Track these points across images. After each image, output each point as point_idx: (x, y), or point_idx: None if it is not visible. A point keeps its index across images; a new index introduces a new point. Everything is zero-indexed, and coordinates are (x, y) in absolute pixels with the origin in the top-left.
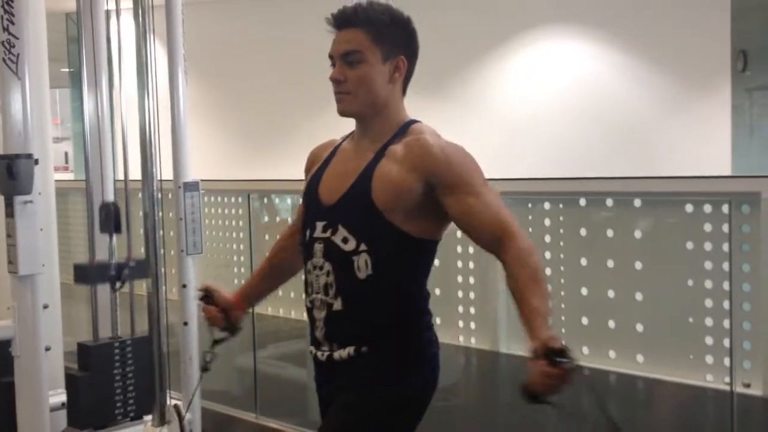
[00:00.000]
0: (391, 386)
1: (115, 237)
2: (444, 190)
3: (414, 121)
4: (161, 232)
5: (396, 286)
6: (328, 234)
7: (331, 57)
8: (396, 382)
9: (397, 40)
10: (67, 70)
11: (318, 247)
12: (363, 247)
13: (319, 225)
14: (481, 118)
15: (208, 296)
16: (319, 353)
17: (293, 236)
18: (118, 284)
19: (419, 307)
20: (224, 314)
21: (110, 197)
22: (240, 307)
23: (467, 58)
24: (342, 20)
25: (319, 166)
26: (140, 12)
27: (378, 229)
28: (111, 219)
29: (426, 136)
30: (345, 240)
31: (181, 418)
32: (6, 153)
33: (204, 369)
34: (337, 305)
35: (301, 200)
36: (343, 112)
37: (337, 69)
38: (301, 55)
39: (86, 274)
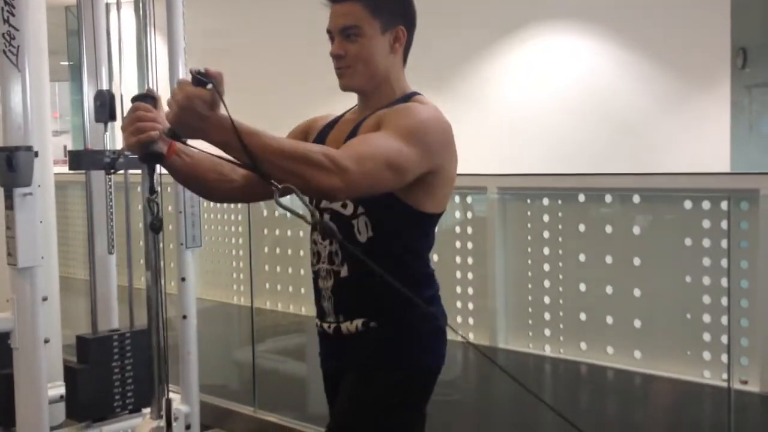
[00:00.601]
0: (402, 366)
1: (110, 125)
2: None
3: (416, 93)
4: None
5: (398, 251)
6: (329, 203)
7: (329, 32)
8: (406, 361)
9: (395, 9)
10: (66, 63)
11: (325, 217)
12: (360, 209)
13: None
14: (481, 113)
15: (149, 98)
16: (325, 325)
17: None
18: (112, 172)
19: (425, 279)
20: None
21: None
22: (172, 143)
23: (467, 54)
24: None
25: (319, 131)
26: (141, 5)
27: None
28: (106, 107)
29: (418, 104)
30: (344, 205)
31: (169, 412)
32: (6, 145)
33: (154, 229)
34: (344, 272)
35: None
36: (346, 87)
37: (337, 44)
38: (304, 49)
39: (80, 159)
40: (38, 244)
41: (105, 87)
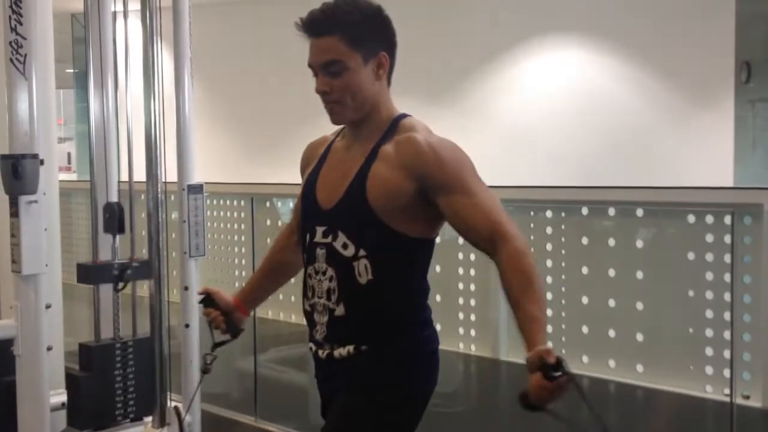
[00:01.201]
0: (392, 386)
1: (118, 237)
2: (436, 190)
3: (404, 116)
4: (164, 234)
5: (396, 287)
6: (329, 239)
7: (311, 66)
8: (396, 381)
9: (374, 36)
10: (71, 70)
11: (320, 253)
12: (362, 252)
13: (320, 230)
14: (483, 126)
15: (208, 299)
16: (320, 351)
17: (292, 234)
18: (120, 285)
19: (419, 305)
20: (226, 317)
21: (114, 198)
22: (241, 309)
23: (469, 67)
24: (313, 28)
25: (314, 166)
26: (147, 14)
27: (375, 233)
28: (115, 219)
29: (416, 134)
30: (345, 246)
31: (180, 419)
32: (12, 153)
33: (204, 371)
34: (340, 311)
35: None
36: (338, 123)
37: (321, 81)
38: (306, 59)
39: (89, 273)
40: (43, 251)
41: (111, 94)
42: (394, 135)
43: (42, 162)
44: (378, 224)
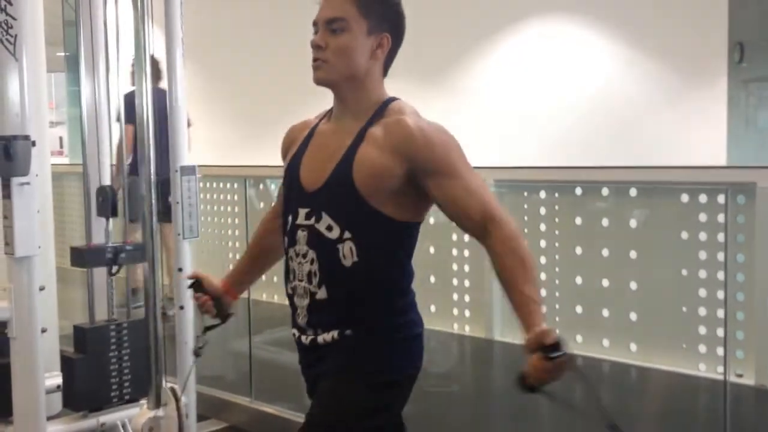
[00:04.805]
0: (376, 370)
1: (111, 221)
2: (425, 174)
3: (393, 99)
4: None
5: (381, 270)
6: (312, 221)
7: (315, 24)
8: (381, 365)
9: (385, 16)
10: (62, 54)
11: (301, 235)
12: (347, 234)
13: (302, 212)
14: (478, 106)
15: (197, 284)
16: (302, 337)
17: (276, 218)
18: (114, 269)
19: (403, 289)
20: (215, 301)
21: (107, 181)
22: (230, 293)
23: (465, 46)
24: None
25: (297, 148)
26: None
27: (362, 216)
28: (108, 203)
29: (405, 117)
30: (329, 228)
31: (177, 399)
32: (3, 134)
33: (196, 354)
34: (321, 294)
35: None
36: (319, 81)
37: (320, 35)
38: (301, 41)
39: (83, 257)
40: (35, 233)
41: (102, 77)
42: (382, 118)
43: (34, 144)
44: (364, 206)
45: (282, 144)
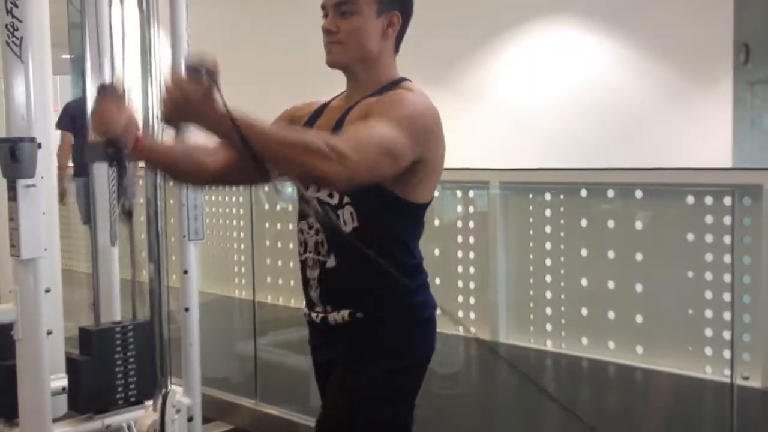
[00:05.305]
0: (390, 354)
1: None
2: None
3: (404, 79)
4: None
5: (383, 241)
6: (318, 192)
7: (323, 8)
8: (394, 348)
9: None
10: (67, 56)
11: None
12: (347, 199)
13: None
14: (483, 108)
15: (111, 92)
16: (313, 314)
17: (226, 153)
18: (114, 164)
19: (411, 268)
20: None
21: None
22: (140, 138)
23: (469, 48)
24: None
25: (307, 119)
26: None
27: None
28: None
29: (406, 91)
30: (330, 194)
31: (164, 406)
32: (9, 136)
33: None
34: (330, 262)
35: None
36: (333, 63)
37: (330, 19)
38: (305, 43)
39: (84, 151)
40: (41, 235)
41: (107, 79)
42: (389, 92)
43: (39, 146)
44: None
45: (281, 114)
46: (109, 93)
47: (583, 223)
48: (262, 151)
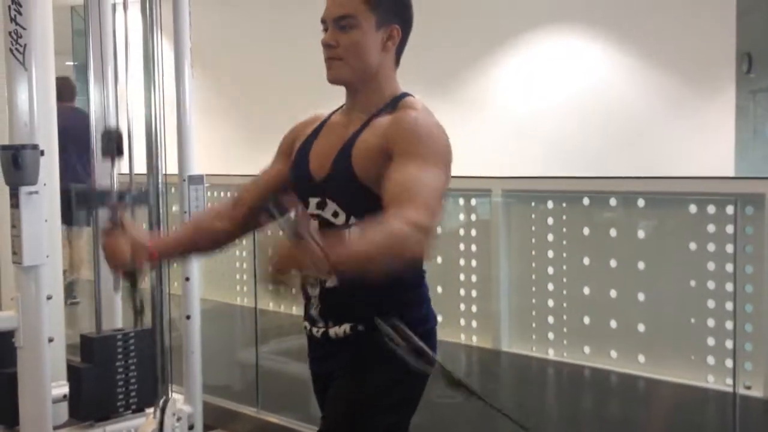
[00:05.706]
0: (389, 368)
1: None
2: (395, 154)
3: (406, 94)
4: (165, 226)
5: None
6: (320, 210)
7: (323, 21)
8: (394, 362)
9: (393, 7)
10: (71, 63)
11: (313, 224)
12: (353, 220)
13: (313, 201)
14: (485, 117)
15: (115, 225)
16: (314, 329)
17: (238, 207)
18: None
19: (414, 282)
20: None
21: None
22: (152, 252)
23: (471, 58)
24: None
25: (306, 138)
26: (147, 5)
27: (362, 201)
28: (113, 142)
29: (413, 111)
30: (335, 214)
31: (165, 413)
32: (12, 143)
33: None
34: (331, 282)
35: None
36: (334, 80)
37: (329, 34)
38: (309, 50)
39: (88, 198)
40: (43, 242)
41: (111, 86)
42: (394, 111)
43: (42, 153)
44: (364, 192)
45: (284, 139)
46: (113, 228)
47: (586, 231)
48: (366, 267)
